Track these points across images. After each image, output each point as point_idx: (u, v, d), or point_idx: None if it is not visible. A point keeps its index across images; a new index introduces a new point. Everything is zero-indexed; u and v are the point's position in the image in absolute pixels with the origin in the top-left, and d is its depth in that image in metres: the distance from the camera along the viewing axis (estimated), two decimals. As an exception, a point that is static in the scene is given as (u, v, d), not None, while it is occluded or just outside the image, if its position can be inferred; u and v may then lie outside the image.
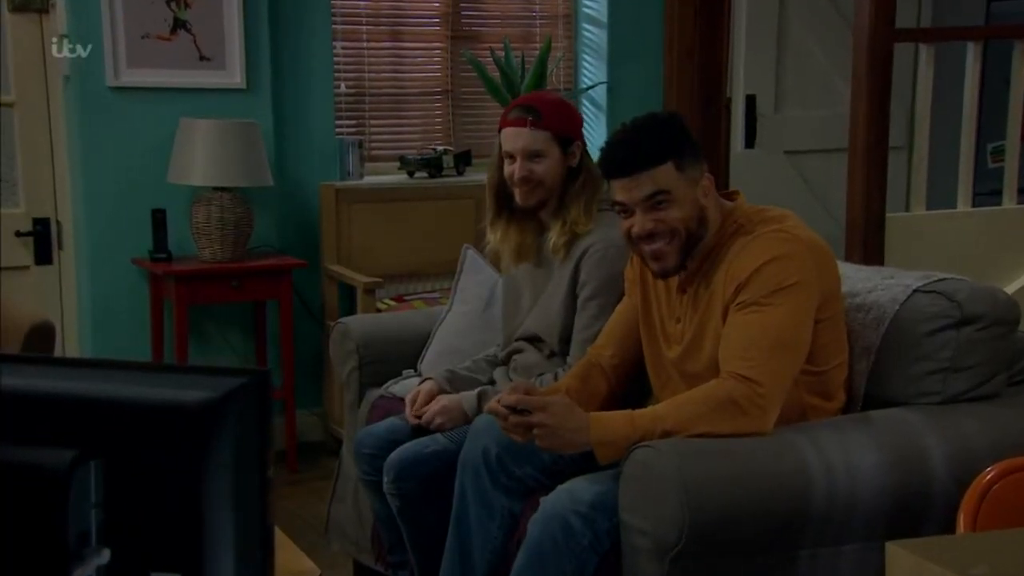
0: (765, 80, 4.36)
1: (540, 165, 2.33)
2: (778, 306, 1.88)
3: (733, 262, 1.93)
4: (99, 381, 0.93)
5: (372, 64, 4.26)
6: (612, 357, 2.20)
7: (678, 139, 1.95)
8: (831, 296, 1.97)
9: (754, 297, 1.89)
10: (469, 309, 2.97)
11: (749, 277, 1.90)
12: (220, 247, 3.61)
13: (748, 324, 1.89)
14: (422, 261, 4.09)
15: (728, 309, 1.93)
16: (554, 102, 2.43)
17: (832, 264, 2.00)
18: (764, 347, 1.86)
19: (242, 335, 3.92)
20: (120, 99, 3.66)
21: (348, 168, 4.06)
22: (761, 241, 1.93)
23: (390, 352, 2.91)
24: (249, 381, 0.93)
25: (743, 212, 2.01)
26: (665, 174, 1.92)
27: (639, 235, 1.96)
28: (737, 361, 1.87)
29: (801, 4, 4.36)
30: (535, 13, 4.50)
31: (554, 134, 2.33)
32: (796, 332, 1.90)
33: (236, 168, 3.58)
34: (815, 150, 4.37)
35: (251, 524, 0.94)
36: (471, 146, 4.36)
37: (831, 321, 1.97)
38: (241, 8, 3.73)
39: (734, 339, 1.90)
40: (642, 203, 1.94)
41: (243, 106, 3.77)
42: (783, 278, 1.89)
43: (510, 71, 4.13)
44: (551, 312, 2.40)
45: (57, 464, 0.87)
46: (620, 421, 1.89)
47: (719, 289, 1.95)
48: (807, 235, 1.96)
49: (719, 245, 1.98)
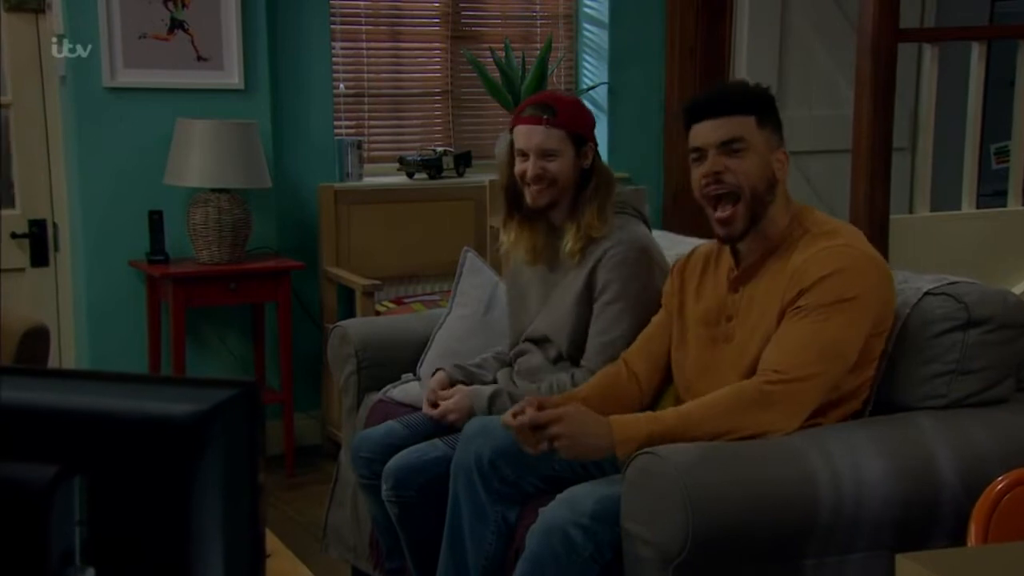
0: (767, 80, 4.29)
1: (554, 164, 2.30)
2: (835, 318, 1.86)
3: (800, 266, 1.90)
4: (82, 393, 0.89)
5: (371, 64, 4.23)
6: (647, 370, 2.16)
7: (765, 101, 1.96)
8: (887, 315, 1.96)
9: (814, 304, 1.87)
10: (469, 312, 2.94)
11: (814, 284, 1.88)
12: (218, 249, 3.58)
13: (801, 330, 1.87)
14: (421, 263, 4.06)
15: (785, 311, 1.90)
16: (569, 101, 2.41)
17: (892, 283, 1.99)
18: (811, 351, 1.85)
19: (240, 338, 3.89)
20: (117, 99, 3.63)
21: (347, 169, 4.03)
22: (833, 251, 1.91)
23: (389, 356, 2.88)
24: (238, 393, 0.89)
25: (813, 218, 1.99)
26: (746, 124, 1.92)
27: (707, 175, 1.93)
28: (779, 361, 1.85)
29: (804, 4, 4.33)
30: (536, 13, 4.47)
31: (568, 133, 2.31)
32: (846, 345, 1.89)
33: (234, 169, 3.54)
34: (818, 151, 4.34)
35: (241, 541, 0.91)
36: (471, 147, 4.33)
37: (879, 338, 1.96)
38: (239, 8, 3.70)
39: (784, 342, 1.88)
40: (717, 147, 1.92)
41: (241, 107, 3.74)
42: (845, 290, 1.87)
43: (510, 71, 4.10)
44: (561, 313, 2.37)
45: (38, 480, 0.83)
46: (642, 418, 1.89)
47: (779, 289, 1.92)
48: (872, 252, 1.96)
49: (782, 245, 1.95)
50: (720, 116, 1.92)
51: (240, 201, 3.62)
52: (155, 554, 0.86)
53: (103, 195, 3.65)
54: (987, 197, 4.08)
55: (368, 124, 4.26)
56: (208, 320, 3.82)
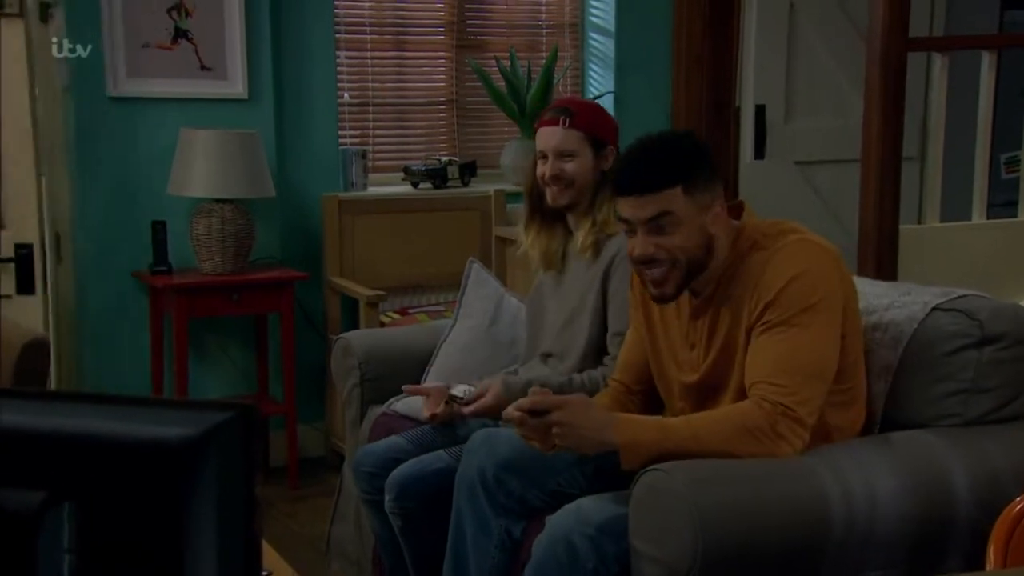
0: (775, 89, 4.30)
1: (571, 164, 2.34)
2: (806, 327, 1.83)
3: (759, 280, 1.87)
4: (72, 416, 0.86)
5: (376, 73, 4.21)
6: (636, 384, 2.15)
7: (690, 162, 1.89)
8: (851, 305, 1.92)
9: (782, 317, 1.83)
10: (474, 324, 2.91)
11: (776, 296, 1.84)
12: (221, 259, 3.56)
13: (776, 346, 1.84)
14: (426, 273, 4.03)
15: (753, 329, 1.87)
16: (589, 105, 2.48)
17: (847, 269, 1.96)
18: (796, 372, 1.81)
19: (243, 349, 3.86)
20: (120, 109, 3.61)
21: (351, 179, 4.00)
22: (785, 255, 1.87)
23: (393, 368, 2.85)
24: (233, 416, 0.86)
25: (754, 227, 1.95)
26: (672, 198, 1.86)
27: (638, 258, 1.91)
28: (769, 387, 1.82)
29: (812, 13, 4.30)
30: (541, 22, 4.45)
31: (586, 135, 2.34)
32: (825, 355, 1.85)
33: (237, 179, 3.52)
34: (826, 160, 4.31)
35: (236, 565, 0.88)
36: (476, 156, 4.31)
37: (853, 336, 1.92)
38: (243, 17, 3.68)
39: (762, 362, 1.84)
40: (645, 224, 1.88)
41: (245, 116, 3.72)
42: (809, 295, 1.83)
43: (516, 81, 4.08)
44: (580, 328, 2.36)
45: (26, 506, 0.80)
46: (650, 425, 1.86)
47: (742, 309, 1.89)
48: (825, 242, 1.92)
49: (734, 264, 1.92)
50: (644, 194, 1.86)
51: (243, 211, 3.59)
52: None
53: (106, 205, 3.63)
54: (998, 207, 4.05)
55: (372, 133, 4.23)
56: (211, 331, 3.79)
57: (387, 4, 4.21)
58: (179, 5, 3.62)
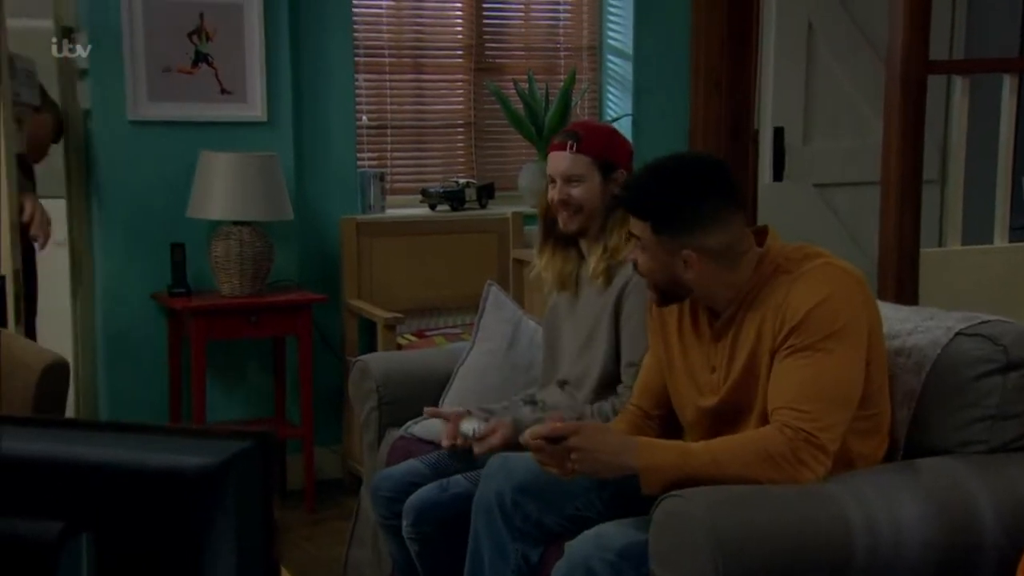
0: (794, 112, 4.29)
1: (577, 189, 2.32)
2: (831, 352, 1.81)
3: (783, 303, 1.86)
4: (90, 445, 0.86)
5: (394, 96, 4.22)
6: (653, 409, 2.14)
7: (661, 211, 1.92)
8: (876, 329, 1.91)
9: (806, 342, 1.82)
10: (492, 348, 2.90)
11: (801, 320, 1.83)
12: (239, 282, 3.56)
13: (801, 371, 1.82)
14: (444, 295, 4.03)
15: (777, 352, 1.85)
16: (598, 129, 2.46)
17: (872, 296, 1.95)
18: (820, 399, 1.80)
19: (261, 371, 3.87)
20: (141, 133, 3.63)
21: (369, 201, 4.01)
22: (810, 279, 1.86)
23: (411, 391, 2.84)
24: (252, 446, 0.86)
25: (779, 251, 1.94)
26: (643, 228, 1.94)
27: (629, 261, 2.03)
28: (791, 413, 1.80)
29: (831, 35, 4.29)
30: (559, 45, 4.46)
31: (594, 159, 2.32)
32: (850, 381, 1.84)
33: (256, 202, 3.53)
34: (845, 183, 4.29)
35: (255, 595, 0.87)
36: (494, 179, 4.31)
37: (878, 362, 1.91)
38: (263, 41, 3.70)
39: (786, 387, 1.83)
40: (632, 237, 2.00)
41: (264, 139, 3.73)
42: (834, 320, 1.82)
43: (534, 103, 4.08)
44: (594, 357, 2.35)
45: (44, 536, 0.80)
46: (671, 449, 1.85)
47: (766, 332, 1.88)
48: (851, 267, 1.92)
49: (757, 286, 1.91)
50: (629, 212, 1.99)
51: (262, 234, 3.60)
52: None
53: (126, 227, 3.64)
54: (1019, 230, 4.01)
55: (391, 156, 4.24)
56: (229, 353, 3.79)
57: (406, 27, 4.23)
58: (199, 29, 3.64)
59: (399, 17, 4.21)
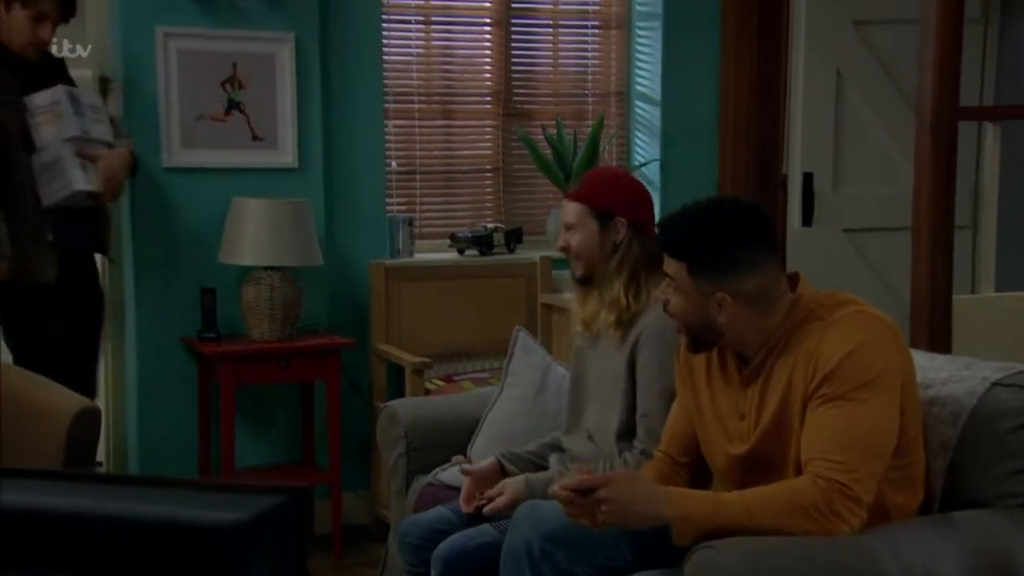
0: (822, 157, 4.28)
1: (574, 237, 2.37)
2: (865, 402, 1.79)
3: (815, 351, 1.85)
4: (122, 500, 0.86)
5: (423, 141, 4.26)
6: (682, 456, 2.12)
7: (707, 247, 1.91)
8: (909, 378, 1.89)
9: (840, 391, 1.80)
10: (520, 393, 2.89)
11: (834, 369, 1.81)
12: (269, 327, 3.58)
13: (835, 421, 1.80)
14: (472, 340, 4.03)
15: (809, 401, 1.84)
16: (603, 176, 2.46)
17: (906, 345, 1.93)
18: (854, 449, 1.78)
19: (289, 415, 3.87)
20: (174, 179, 3.67)
21: (398, 246, 4.03)
22: (843, 327, 1.85)
23: (439, 437, 2.84)
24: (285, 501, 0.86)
25: (811, 298, 1.93)
26: (680, 268, 1.94)
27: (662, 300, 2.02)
28: (825, 463, 1.78)
29: (859, 80, 4.29)
30: (587, 91, 4.48)
31: (591, 207, 2.35)
32: (884, 431, 1.82)
33: (287, 247, 3.56)
34: (876, 228, 4.26)
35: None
36: (522, 223, 4.33)
37: (912, 412, 1.89)
38: (294, 89, 3.75)
39: (820, 437, 1.81)
40: (667, 278, 2.00)
41: (295, 185, 3.77)
42: (868, 369, 1.81)
43: (562, 148, 4.10)
44: (613, 410, 2.34)
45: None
46: (702, 498, 1.83)
47: (797, 379, 1.86)
48: (884, 315, 1.90)
49: (788, 333, 1.90)
50: (664, 251, 1.98)
51: (292, 279, 3.62)
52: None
53: (157, 273, 3.67)
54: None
55: (419, 201, 4.27)
56: (258, 398, 3.80)
57: (436, 74, 4.27)
58: (232, 78, 3.69)
59: (429, 63, 4.25)
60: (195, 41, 3.64)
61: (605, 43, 4.48)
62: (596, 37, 4.47)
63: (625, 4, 4.45)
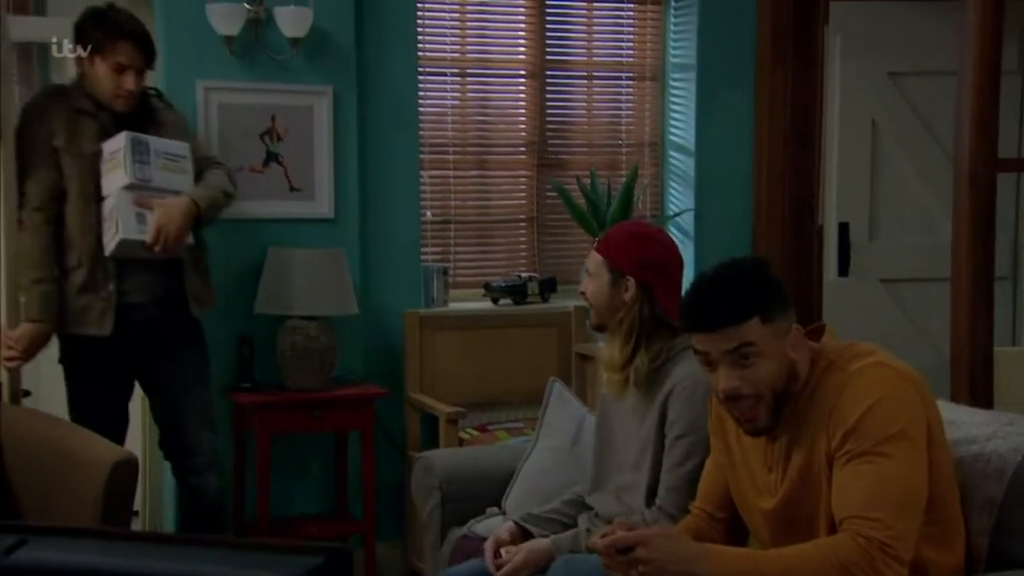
0: (859, 207, 4.27)
1: (589, 283, 2.39)
2: (891, 456, 1.77)
3: (835, 405, 1.83)
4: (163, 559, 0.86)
5: (458, 191, 4.29)
6: (718, 512, 2.10)
7: (764, 290, 1.86)
8: (936, 431, 1.86)
9: (864, 446, 1.78)
10: (556, 445, 2.88)
11: (856, 423, 1.79)
12: (304, 376, 3.59)
13: (865, 477, 1.78)
14: (506, 389, 4.02)
15: (833, 457, 1.81)
16: (627, 233, 2.42)
17: (932, 396, 1.89)
18: (888, 505, 1.75)
19: (323, 465, 3.87)
20: (211, 229, 3.69)
21: (432, 295, 4.04)
22: (861, 379, 1.83)
23: (474, 489, 2.83)
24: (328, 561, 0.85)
25: (831, 349, 1.91)
26: (751, 329, 1.82)
27: (726, 393, 1.85)
28: (864, 521, 1.75)
29: (896, 131, 4.29)
30: (621, 141, 4.50)
31: (605, 259, 2.36)
32: (915, 485, 1.79)
33: (323, 297, 3.58)
34: (913, 279, 4.23)
35: None
36: (556, 273, 4.33)
37: (941, 465, 1.85)
38: (331, 140, 3.79)
39: (851, 494, 1.78)
40: (726, 356, 1.84)
41: (331, 235, 3.80)
42: (891, 422, 1.78)
43: (596, 198, 4.11)
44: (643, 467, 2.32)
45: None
46: (741, 556, 1.81)
47: (820, 434, 1.84)
48: (904, 366, 1.87)
49: (809, 386, 1.88)
50: (721, 329, 1.82)
51: (327, 328, 3.64)
52: None
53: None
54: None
55: (454, 250, 4.29)
56: (292, 447, 3.80)
57: (470, 125, 4.31)
58: (271, 130, 3.75)
59: (464, 115, 4.29)
60: (235, 94, 3.70)
61: (639, 94, 4.50)
62: (630, 88, 4.50)
63: (659, 56, 4.48)
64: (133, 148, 2.96)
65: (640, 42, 4.48)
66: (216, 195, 3.12)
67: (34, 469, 2.62)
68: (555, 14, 4.38)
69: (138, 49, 2.99)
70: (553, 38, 4.38)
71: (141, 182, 2.95)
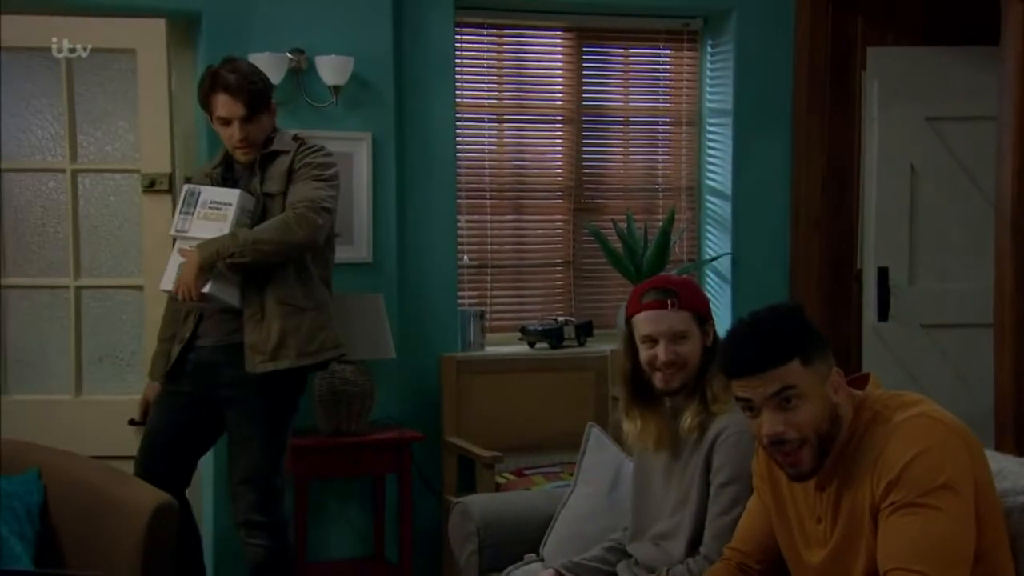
0: (898, 252, 4.24)
1: (685, 347, 2.30)
2: (937, 508, 1.75)
3: (880, 456, 1.81)
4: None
5: (495, 236, 4.31)
6: (758, 563, 2.07)
7: (802, 333, 1.86)
8: (984, 483, 1.83)
9: (909, 498, 1.76)
10: (594, 491, 2.86)
11: (900, 474, 1.77)
12: (342, 420, 3.60)
13: (908, 530, 1.75)
14: (542, 433, 4.02)
15: (879, 509, 1.79)
16: (686, 283, 2.43)
17: (980, 447, 1.87)
18: (933, 558, 1.72)
19: (360, 510, 3.87)
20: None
21: (469, 338, 4.06)
22: (906, 430, 1.81)
23: (512, 535, 2.82)
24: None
25: (876, 398, 1.90)
26: (792, 371, 1.82)
27: (770, 438, 1.84)
28: (903, 573, 1.73)
29: (935, 176, 4.27)
30: (658, 186, 4.51)
31: (693, 314, 2.32)
32: (962, 538, 1.76)
33: (360, 341, 3.60)
34: (955, 324, 4.18)
35: None
36: (592, 317, 4.34)
37: (990, 517, 1.82)
38: (370, 186, 3.83)
39: (896, 547, 1.76)
40: (769, 401, 1.83)
41: (369, 280, 3.83)
42: (936, 474, 1.76)
43: (632, 242, 4.12)
44: (688, 513, 2.30)
45: None
46: None
47: (865, 486, 1.82)
48: (950, 418, 1.85)
49: (855, 436, 1.87)
50: (762, 372, 1.82)
51: (365, 372, 3.65)
52: None
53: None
54: None
55: (490, 294, 4.31)
56: (329, 491, 3.81)
57: (507, 171, 4.34)
58: (312, 177, 3.78)
59: (501, 160, 4.33)
60: (276, 141, 3.74)
61: (676, 139, 4.52)
62: (667, 133, 4.52)
63: (696, 101, 4.50)
64: (185, 200, 3.02)
65: (676, 87, 4.50)
66: (239, 243, 2.94)
67: (74, 514, 2.64)
68: (592, 60, 4.42)
69: (233, 100, 2.97)
70: (590, 84, 4.41)
71: (179, 233, 3.01)
